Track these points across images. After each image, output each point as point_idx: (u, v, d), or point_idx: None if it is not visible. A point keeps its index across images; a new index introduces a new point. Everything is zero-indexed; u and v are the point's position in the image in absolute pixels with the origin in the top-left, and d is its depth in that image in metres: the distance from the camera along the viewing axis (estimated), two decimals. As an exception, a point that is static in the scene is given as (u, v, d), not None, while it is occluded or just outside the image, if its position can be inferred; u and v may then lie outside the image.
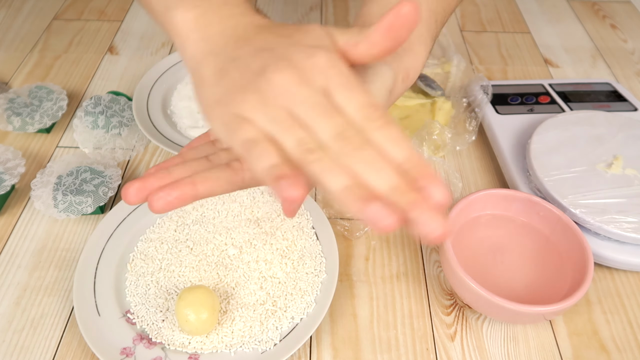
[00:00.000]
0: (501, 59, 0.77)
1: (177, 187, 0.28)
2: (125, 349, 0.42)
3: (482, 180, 0.59)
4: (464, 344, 0.45)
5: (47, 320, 0.46)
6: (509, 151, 0.57)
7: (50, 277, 0.49)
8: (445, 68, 0.71)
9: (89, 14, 0.83)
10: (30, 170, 0.59)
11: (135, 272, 0.48)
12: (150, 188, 0.29)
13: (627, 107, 0.62)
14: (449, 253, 0.43)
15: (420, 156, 0.26)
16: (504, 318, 0.44)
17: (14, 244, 0.52)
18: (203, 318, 0.41)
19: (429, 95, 0.65)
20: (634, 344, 0.45)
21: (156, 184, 0.29)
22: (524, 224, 0.50)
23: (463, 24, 0.84)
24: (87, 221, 0.54)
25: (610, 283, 0.50)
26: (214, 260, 0.48)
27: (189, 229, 0.51)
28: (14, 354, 0.44)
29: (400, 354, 0.44)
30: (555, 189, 0.50)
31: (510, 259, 0.48)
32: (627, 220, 0.48)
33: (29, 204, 0.55)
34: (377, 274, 0.50)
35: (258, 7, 0.86)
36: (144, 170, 0.59)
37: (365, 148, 0.25)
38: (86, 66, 0.73)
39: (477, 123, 0.61)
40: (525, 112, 0.62)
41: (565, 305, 0.40)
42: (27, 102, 0.62)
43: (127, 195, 0.28)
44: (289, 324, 0.44)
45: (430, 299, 0.48)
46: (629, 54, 0.78)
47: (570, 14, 0.87)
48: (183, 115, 0.64)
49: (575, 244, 0.46)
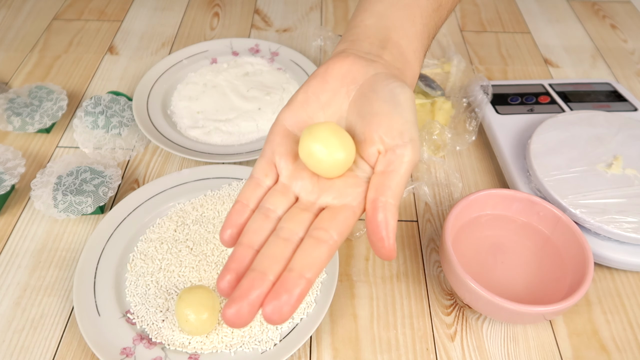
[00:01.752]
0: (501, 59, 0.77)
1: (285, 286, 0.27)
2: (125, 349, 0.42)
3: (482, 180, 0.59)
4: (464, 344, 0.45)
5: (47, 320, 0.46)
6: (509, 151, 0.57)
7: (50, 277, 0.49)
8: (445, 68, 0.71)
9: (89, 14, 0.83)
10: (30, 170, 0.59)
11: (135, 272, 0.48)
12: (254, 302, 0.27)
13: (627, 107, 0.62)
14: (449, 253, 0.43)
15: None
16: (504, 318, 0.44)
17: (14, 244, 0.52)
18: (203, 318, 0.41)
19: (429, 95, 0.65)
20: (634, 344, 0.45)
21: (255, 291, 0.27)
22: (524, 224, 0.50)
23: (463, 24, 0.84)
24: (87, 221, 0.54)
25: (610, 283, 0.50)
26: (214, 260, 0.48)
27: (189, 229, 0.51)
28: (14, 354, 0.44)
29: (400, 354, 0.44)
30: (555, 189, 0.50)
31: (510, 259, 0.48)
32: (627, 220, 0.48)
33: (29, 204, 0.55)
34: (377, 274, 0.50)
35: (258, 8, 0.86)
36: (144, 170, 0.59)
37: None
38: (86, 66, 0.73)
39: (477, 123, 0.61)
40: (525, 112, 0.62)
41: (565, 305, 0.40)
42: (27, 102, 0.62)
43: (228, 317, 0.27)
44: (289, 324, 0.44)
45: (430, 299, 0.48)
46: (629, 54, 0.78)
47: (570, 14, 0.87)
48: (183, 115, 0.64)
49: (575, 244, 0.46)
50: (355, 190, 0.31)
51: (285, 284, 0.27)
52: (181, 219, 0.52)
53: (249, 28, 0.81)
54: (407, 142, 0.31)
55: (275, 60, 0.72)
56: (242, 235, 0.30)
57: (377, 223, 0.29)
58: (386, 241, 0.29)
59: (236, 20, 0.83)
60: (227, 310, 0.26)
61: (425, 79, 0.67)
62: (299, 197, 0.32)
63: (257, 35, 0.80)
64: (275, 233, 0.30)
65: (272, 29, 0.81)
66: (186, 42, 0.78)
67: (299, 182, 0.32)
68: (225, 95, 0.66)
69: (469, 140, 0.60)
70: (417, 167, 0.60)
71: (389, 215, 0.29)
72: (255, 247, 0.30)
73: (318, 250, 0.28)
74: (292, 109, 0.34)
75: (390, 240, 0.29)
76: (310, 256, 0.28)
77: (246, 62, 0.71)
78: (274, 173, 0.33)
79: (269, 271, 0.28)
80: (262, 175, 0.32)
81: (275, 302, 0.26)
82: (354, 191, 0.31)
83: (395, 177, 0.30)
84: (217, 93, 0.66)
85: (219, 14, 0.84)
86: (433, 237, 0.53)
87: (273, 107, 0.64)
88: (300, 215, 0.31)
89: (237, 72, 0.69)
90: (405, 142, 0.31)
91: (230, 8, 0.86)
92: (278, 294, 0.27)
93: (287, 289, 0.27)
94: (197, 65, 0.71)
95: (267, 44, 0.74)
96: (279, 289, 0.27)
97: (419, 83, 0.66)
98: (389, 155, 0.31)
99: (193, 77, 0.69)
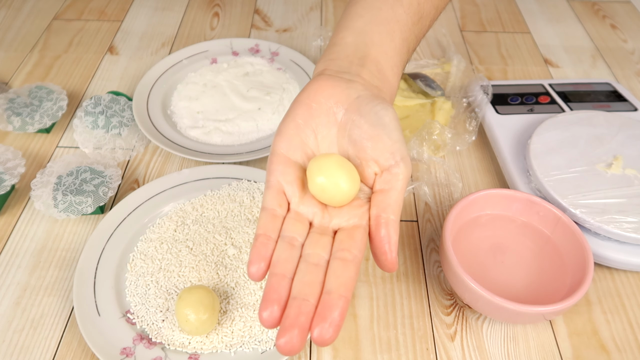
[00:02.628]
0: (501, 59, 0.77)
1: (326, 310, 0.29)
2: (125, 349, 0.42)
3: (482, 180, 0.59)
4: (464, 344, 0.45)
5: (47, 320, 0.46)
6: (509, 151, 0.57)
7: (50, 277, 0.49)
8: (445, 68, 0.71)
9: (89, 14, 0.83)
10: (30, 170, 0.59)
11: (135, 272, 0.48)
12: (303, 327, 0.28)
13: (627, 107, 0.62)
14: (449, 253, 0.43)
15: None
16: (504, 318, 0.44)
17: (14, 244, 0.52)
18: (203, 318, 0.41)
19: (429, 96, 0.65)
20: (634, 344, 0.45)
21: (302, 317, 0.28)
22: (524, 224, 0.50)
23: (463, 24, 0.84)
24: (87, 221, 0.54)
25: (610, 283, 0.50)
26: (213, 260, 0.48)
27: (188, 229, 0.51)
28: (14, 354, 0.44)
29: (400, 354, 0.44)
30: (555, 189, 0.50)
31: (510, 259, 0.48)
32: (627, 220, 0.48)
33: (29, 204, 0.55)
34: (377, 274, 0.50)
35: (258, 8, 0.86)
36: (144, 170, 0.59)
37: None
38: (86, 66, 0.73)
39: (477, 123, 0.61)
40: (525, 112, 0.62)
41: (565, 305, 0.40)
42: (27, 102, 0.62)
43: (283, 348, 0.28)
44: (289, 324, 0.44)
45: (430, 299, 0.48)
46: (629, 54, 0.78)
47: (570, 14, 0.87)
48: (183, 115, 0.64)
49: (575, 244, 0.46)
50: (361, 210, 0.33)
51: (328, 306, 0.29)
52: (181, 219, 0.52)
53: (249, 28, 0.81)
54: (399, 161, 0.33)
55: (275, 60, 0.72)
56: (272, 266, 0.31)
57: (380, 238, 0.32)
58: (389, 254, 0.31)
59: (236, 20, 0.83)
60: (279, 340, 0.28)
61: (425, 79, 0.67)
62: (313, 223, 0.34)
63: (257, 35, 0.80)
64: (304, 259, 0.32)
65: (272, 29, 0.81)
66: (186, 42, 0.78)
67: (310, 208, 0.34)
68: (225, 95, 0.66)
69: (469, 140, 0.60)
70: (417, 167, 0.60)
71: (391, 230, 0.32)
72: (289, 275, 0.31)
73: (348, 270, 0.30)
74: (286, 137, 0.35)
75: (393, 254, 0.31)
76: (342, 277, 0.30)
77: (246, 62, 0.71)
78: (285, 202, 0.34)
79: (310, 296, 0.29)
80: (276, 206, 0.34)
81: (323, 324, 0.28)
82: (360, 211, 0.33)
83: (394, 194, 0.33)
84: (217, 93, 0.66)
85: (219, 14, 0.84)
86: (433, 237, 0.53)
87: (273, 107, 0.64)
88: (321, 240, 0.32)
89: (237, 72, 0.69)
90: (397, 161, 0.33)
91: (230, 8, 0.86)
92: (324, 316, 0.28)
93: (330, 310, 0.28)
94: (197, 65, 0.71)
95: (267, 44, 0.74)
96: (323, 312, 0.28)
97: (419, 83, 0.66)
98: (384, 175, 0.34)
99: (193, 77, 0.69)
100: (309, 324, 0.28)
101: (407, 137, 0.59)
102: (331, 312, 0.28)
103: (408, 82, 0.68)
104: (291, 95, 0.66)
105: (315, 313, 0.29)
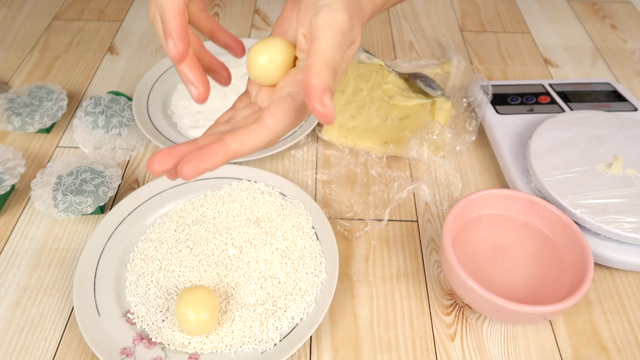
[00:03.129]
0: (501, 59, 0.77)
1: (207, 149, 0.29)
2: (125, 349, 0.42)
3: (482, 180, 0.59)
4: (464, 344, 0.45)
5: (47, 320, 0.46)
6: (509, 151, 0.57)
7: (50, 277, 0.49)
8: (445, 68, 0.71)
9: (89, 14, 0.83)
10: (30, 170, 0.59)
11: (135, 272, 0.48)
12: (178, 154, 0.29)
13: (627, 107, 0.62)
14: (449, 253, 0.43)
15: None
16: (504, 318, 0.44)
17: (14, 244, 0.52)
18: (203, 318, 0.41)
19: (429, 95, 0.65)
20: (634, 344, 0.45)
21: (184, 150, 0.29)
22: (524, 224, 0.50)
23: (463, 24, 0.84)
24: (87, 221, 0.54)
25: (610, 283, 0.50)
26: (214, 260, 0.48)
27: (189, 229, 0.51)
28: (14, 354, 0.44)
29: (400, 354, 0.44)
30: (555, 189, 0.50)
31: (510, 259, 0.48)
32: (627, 220, 0.48)
33: (29, 204, 0.55)
34: (377, 274, 0.50)
35: (258, 8, 0.86)
36: (144, 170, 0.59)
37: None
38: (86, 66, 0.73)
39: (477, 123, 0.61)
40: (525, 112, 0.62)
41: (565, 305, 0.40)
42: (27, 102, 0.62)
43: (152, 164, 0.28)
44: (289, 324, 0.44)
45: (430, 299, 0.48)
46: (629, 54, 0.78)
47: (570, 14, 0.87)
48: (183, 115, 0.64)
49: (575, 244, 0.46)
50: (297, 79, 0.33)
51: (208, 148, 0.29)
52: (181, 219, 0.52)
53: (249, 28, 0.81)
54: (320, 8, 0.30)
55: (275, 60, 0.72)
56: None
57: (310, 85, 0.28)
58: (319, 99, 0.28)
59: (236, 20, 0.83)
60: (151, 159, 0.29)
61: (425, 79, 0.67)
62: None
63: (257, 35, 0.80)
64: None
65: (272, 29, 0.81)
66: (186, 42, 0.78)
67: (261, 95, 0.34)
68: (226, 95, 0.66)
69: (469, 140, 0.60)
70: (417, 167, 0.60)
71: (323, 75, 0.29)
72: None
73: (250, 131, 0.30)
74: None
75: (326, 100, 0.28)
76: (242, 133, 0.30)
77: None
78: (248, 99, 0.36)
79: (201, 141, 0.30)
80: (238, 102, 0.36)
81: (190, 162, 0.28)
82: (295, 80, 0.33)
83: (318, 44, 0.29)
84: (217, 93, 0.66)
85: (219, 14, 0.84)
86: (433, 237, 0.53)
87: (273, 107, 0.64)
88: (247, 110, 0.34)
89: (237, 72, 0.69)
90: (318, 9, 0.30)
91: (230, 8, 0.86)
92: (198, 154, 0.28)
93: (208, 152, 0.28)
94: (197, 65, 0.71)
95: (267, 44, 0.73)
96: (201, 151, 0.29)
97: (419, 83, 0.66)
98: (309, 31, 0.31)
99: (193, 77, 0.69)
100: (183, 156, 0.29)
101: (407, 137, 0.59)
102: (209, 153, 0.28)
103: (408, 82, 0.68)
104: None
105: (196, 151, 0.29)
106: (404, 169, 0.60)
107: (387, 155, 0.60)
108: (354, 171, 0.59)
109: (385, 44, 0.79)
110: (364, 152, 0.60)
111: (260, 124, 0.30)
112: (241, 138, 0.30)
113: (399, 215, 0.55)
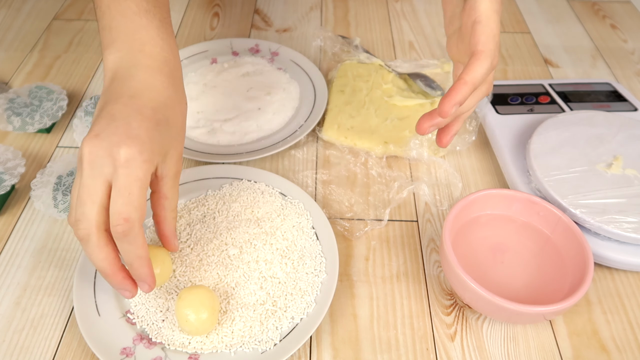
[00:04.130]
0: (501, 59, 0.77)
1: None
2: (125, 349, 0.42)
3: (482, 180, 0.59)
4: (464, 344, 0.45)
5: (47, 320, 0.46)
6: (509, 151, 0.57)
7: (50, 277, 0.49)
8: (445, 68, 0.71)
9: (89, 14, 0.83)
10: (30, 170, 0.59)
11: (135, 272, 0.48)
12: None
13: (627, 107, 0.62)
14: (449, 253, 0.43)
15: None
16: (504, 318, 0.44)
17: (14, 244, 0.52)
18: (203, 318, 0.41)
19: (429, 96, 0.65)
20: (634, 344, 0.45)
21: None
22: (524, 224, 0.50)
23: (463, 24, 0.84)
24: (87, 221, 0.54)
25: (610, 283, 0.50)
26: (214, 260, 0.48)
27: (189, 229, 0.51)
28: (14, 354, 0.44)
29: (400, 354, 0.44)
30: (555, 189, 0.50)
31: (510, 259, 0.48)
32: (627, 220, 0.48)
33: (29, 204, 0.55)
34: (377, 274, 0.50)
35: (258, 8, 0.86)
36: (144, 170, 0.59)
37: None
38: (86, 66, 0.73)
39: (477, 123, 0.61)
40: (525, 112, 0.62)
41: (565, 305, 0.40)
42: (27, 102, 0.62)
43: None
44: (289, 324, 0.44)
45: (430, 299, 0.48)
46: (629, 54, 0.78)
47: (570, 14, 0.87)
48: (183, 115, 0.64)
49: (575, 244, 0.46)
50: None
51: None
52: (181, 218, 0.52)
53: (249, 28, 0.81)
54: None
55: (275, 60, 0.72)
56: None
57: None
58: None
59: (236, 20, 0.83)
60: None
61: (425, 79, 0.67)
62: None
63: (257, 35, 0.80)
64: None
65: (272, 29, 0.81)
66: (186, 42, 0.78)
67: None
68: (226, 95, 0.66)
69: (469, 140, 0.60)
70: (417, 167, 0.60)
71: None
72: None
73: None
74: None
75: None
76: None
77: (246, 62, 0.71)
78: None
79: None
80: None
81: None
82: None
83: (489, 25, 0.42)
84: (218, 93, 0.66)
85: (219, 14, 0.84)
86: (433, 237, 0.53)
87: (273, 107, 0.64)
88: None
89: (237, 72, 0.69)
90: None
91: (230, 8, 0.86)
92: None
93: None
94: (197, 65, 0.71)
95: (267, 44, 0.74)
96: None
97: (419, 83, 0.66)
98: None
99: (193, 77, 0.69)
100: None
101: (407, 137, 0.59)
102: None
103: (408, 82, 0.68)
104: (291, 95, 0.66)
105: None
106: (404, 169, 0.60)
107: (387, 155, 0.60)
108: (353, 171, 0.59)
109: (385, 44, 0.79)
110: (364, 152, 0.60)
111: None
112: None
113: (399, 215, 0.55)
